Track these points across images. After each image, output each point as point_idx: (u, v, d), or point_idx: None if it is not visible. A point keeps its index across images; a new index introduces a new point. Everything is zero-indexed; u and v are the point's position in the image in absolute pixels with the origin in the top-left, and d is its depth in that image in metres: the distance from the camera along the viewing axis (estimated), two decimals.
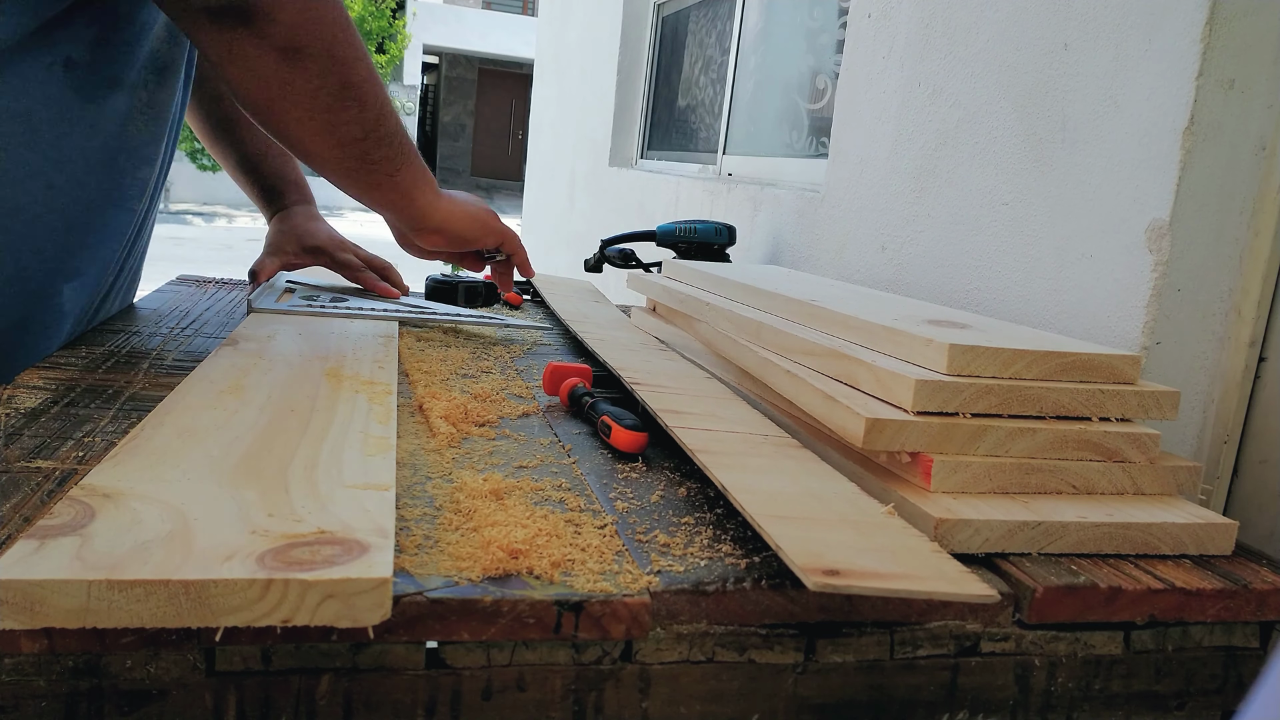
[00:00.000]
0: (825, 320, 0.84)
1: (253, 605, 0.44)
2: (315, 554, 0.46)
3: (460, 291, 1.33)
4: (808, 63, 2.04)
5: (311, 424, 0.67)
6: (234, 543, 0.47)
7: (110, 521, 0.48)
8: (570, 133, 3.67)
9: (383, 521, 0.51)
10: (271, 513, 0.51)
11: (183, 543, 0.46)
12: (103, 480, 0.53)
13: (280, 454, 0.60)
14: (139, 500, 0.51)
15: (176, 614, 0.43)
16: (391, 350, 0.95)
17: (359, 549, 0.47)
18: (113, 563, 0.43)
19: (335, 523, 0.50)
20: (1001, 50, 1.12)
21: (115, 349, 0.92)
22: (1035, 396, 0.68)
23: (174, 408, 0.67)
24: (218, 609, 0.43)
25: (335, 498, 0.54)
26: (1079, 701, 0.61)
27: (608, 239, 1.59)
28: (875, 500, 0.63)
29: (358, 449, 0.62)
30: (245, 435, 0.63)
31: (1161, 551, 0.64)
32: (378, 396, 0.75)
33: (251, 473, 0.56)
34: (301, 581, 0.44)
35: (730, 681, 0.55)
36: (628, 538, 0.59)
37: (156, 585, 0.43)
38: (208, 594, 0.43)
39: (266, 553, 0.46)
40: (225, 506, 0.51)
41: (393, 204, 0.94)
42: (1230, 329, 0.90)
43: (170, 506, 0.50)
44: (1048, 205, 1.03)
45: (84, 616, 0.42)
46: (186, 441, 0.60)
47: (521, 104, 19.73)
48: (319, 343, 0.93)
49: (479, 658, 0.51)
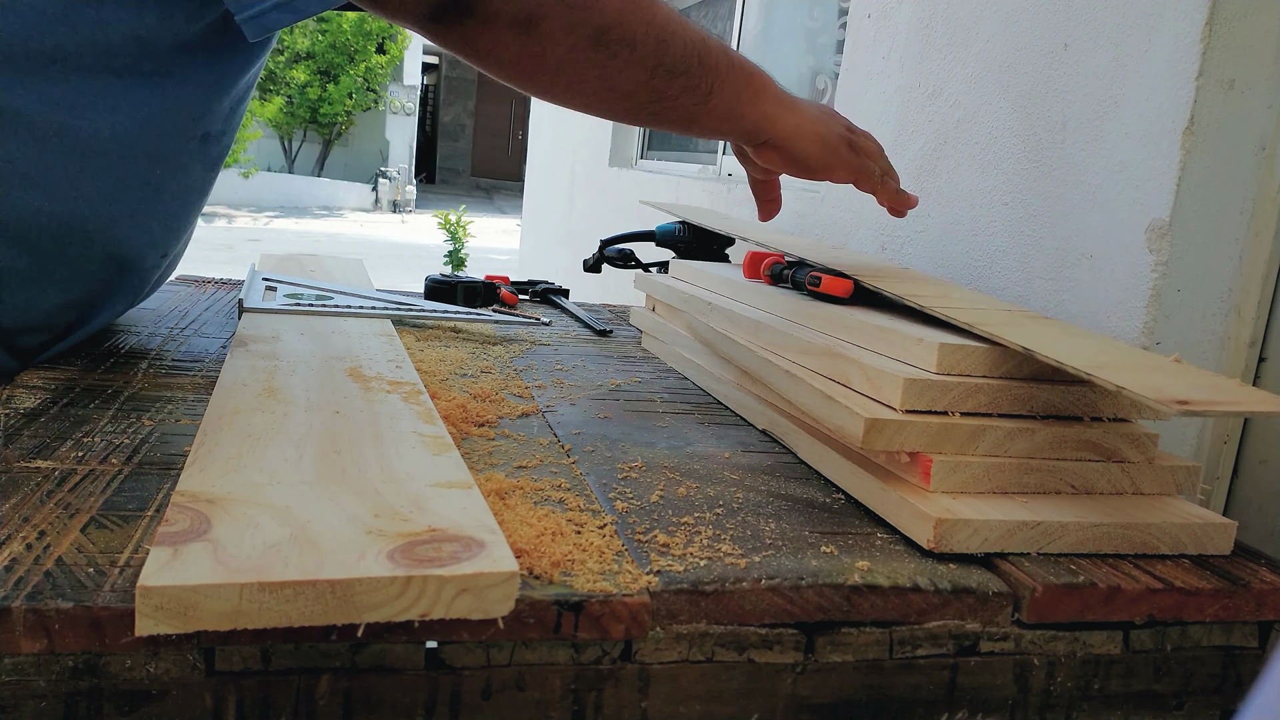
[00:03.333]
0: (822, 319, 0.84)
1: (393, 601, 0.45)
2: (438, 550, 0.47)
3: (459, 291, 1.33)
4: (808, 63, 2.04)
5: (362, 425, 0.67)
6: (358, 542, 0.47)
7: (229, 527, 0.48)
8: (570, 133, 3.67)
9: (484, 518, 0.52)
10: (377, 513, 0.51)
11: (309, 544, 0.47)
12: (199, 486, 0.53)
13: (349, 456, 0.60)
14: (244, 505, 0.51)
15: (323, 612, 0.44)
16: (399, 348, 0.95)
17: (476, 545, 0.48)
18: (254, 565, 0.44)
19: (442, 521, 0.51)
20: (1001, 50, 1.12)
21: (114, 349, 0.92)
22: (1026, 396, 0.68)
23: (223, 410, 0.67)
24: (361, 606, 0.44)
25: (427, 496, 0.54)
26: (1078, 701, 0.61)
27: (607, 239, 1.59)
28: (1153, 352, 0.69)
29: (419, 449, 0.63)
30: (307, 438, 0.63)
31: (1160, 551, 0.64)
32: (410, 396, 0.76)
33: (333, 475, 0.57)
34: (439, 577, 0.45)
35: (729, 681, 0.55)
36: (627, 538, 0.59)
37: (305, 586, 0.44)
38: (353, 592, 0.44)
39: (394, 550, 0.47)
40: (328, 508, 0.52)
41: (718, 130, 0.82)
42: (1230, 329, 0.90)
43: (278, 510, 0.51)
44: (1048, 205, 1.04)
45: (235, 619, 0.43)
46: (253, 445, 0.61)
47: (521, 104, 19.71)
48: (325, 342, 0.93)
49: (478, 657, 0.51)
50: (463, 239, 8.53)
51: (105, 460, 0.63)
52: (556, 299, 1.50)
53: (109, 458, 0.63)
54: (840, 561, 0.59)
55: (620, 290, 2.47)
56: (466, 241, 8.61)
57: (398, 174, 15.98)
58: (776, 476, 0.74)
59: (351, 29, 14.73)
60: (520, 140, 20.02)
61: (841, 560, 0.59)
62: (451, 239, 8.51)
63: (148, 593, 0.42)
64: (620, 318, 1.44)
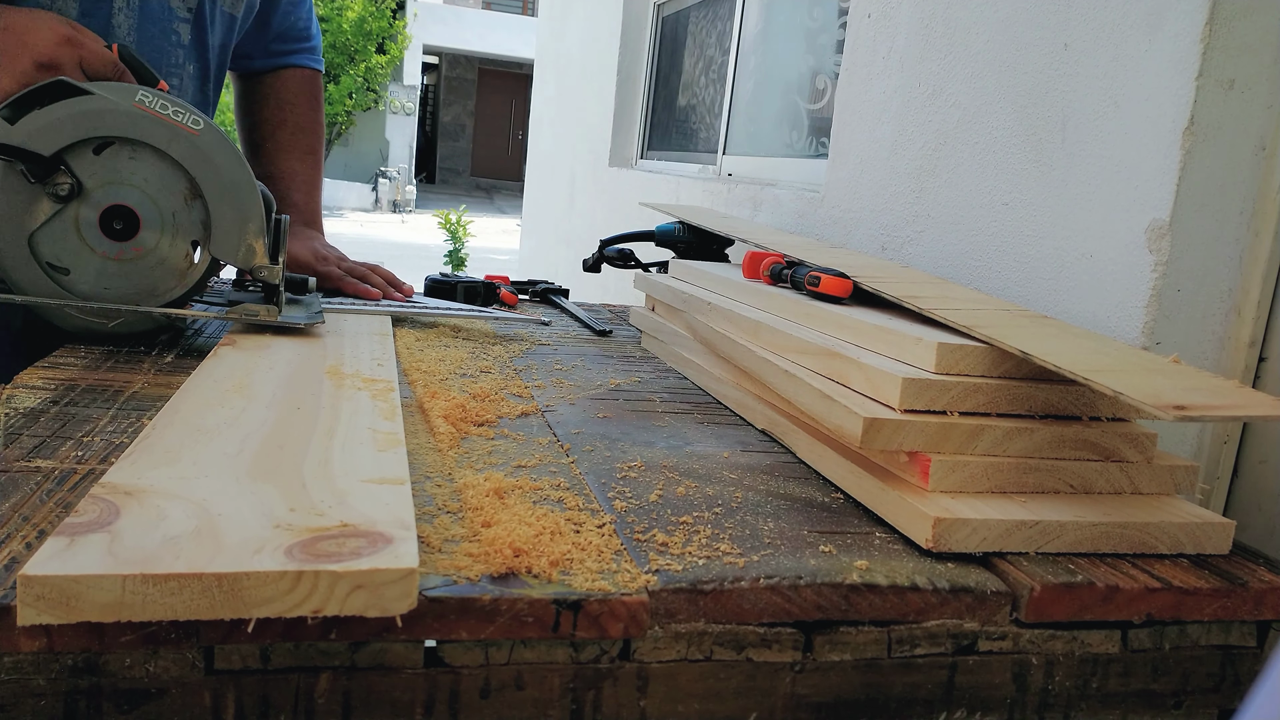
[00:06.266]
0: (821, 319, 0.84)
1: (284, 596, 0.44)
2: (342, 546, 0.47)
3: (459, 291, 1.33)
4: (808, 63, 2.04)
5: (319, 421, 0.67)
6: (260, 536, 0.47)
7: (136, 518, 0.48)
8: (570, 133, 3.67)
9: (403, 514, 0.52)
10: (293, 507, 0.51)
11: (210, 537, 0.47)
12: (122, 478, 0.53)
13: (293, 450, 0.60)
14: (161, 497, 0.51)
15: (210, 606, 0.44)
16: (388, 347, 0.95)
17: (383, 541, 0.48)
18: (144, 557, 0.44)
19: (357, 516, 0.51)
20: (1001, 50, 1.12)
21: (115, 349, 0.92)
22: (1025, 395, 0.68)
23: (182, 406, 0.68)
24: (250, 600, 0.44)
25: (353, 492, 0.54)
26: (1076, 700, 0.61)
27: (606, 239, 1.59)
28: (1154, 353, 0.69)
29: (368, 445, 0.63)
30: (256, 432, 0.63)
31: (1159, 550, 0.64)
32: (380, 394, 0.76)
33: (267, 469, 0.57)
34: (332, 573, 0.44)
35: (728, 680, 0.55)
36: (626, 537, 0.59)
37: (190, 579, 0.43)
38: (240, 586, 0.44)
39: (294, 545, 0.47)
40: (246, 502, 0.52)
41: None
42: (1230, 329, 0.90)
43: (193, 502, 0.51)
44: (1048, 205, 1.04)
45: (119, 610, 0.43)
46: (199, 439, 0.61)
47: (521, 104, 19.72)
48: (316, 341, 0.94)
49: (477, 656, 0.51)
50: (463, 239, 8.54)
51: (105, 460, 0.63)
52: (556, 299, 1.50)
53: (109, 457, 0.63)
54: (839, 561, 0.59)
55: (620, 290, 2.47)
56: (466, 241, 8.61)
57: (398, 174, 15.99)
58: (775, 476, 0.74)
59: (351, 29, 14.74)
60: (520, 140, 20.02)
61: (840, 559, 0.59)
62: (452, 239, 8.51)
63: (29, 582, 0.42)
64: (620, 318, 1.44)
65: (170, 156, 0.88)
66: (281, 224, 0.95)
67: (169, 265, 0.91)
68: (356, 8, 14.70)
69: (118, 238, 0.89)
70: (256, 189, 0.92)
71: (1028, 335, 0.70)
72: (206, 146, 0.89)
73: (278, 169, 1.34)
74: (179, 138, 0.88)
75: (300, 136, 1.36)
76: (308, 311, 1.02)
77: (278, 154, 1.35)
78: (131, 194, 0.89)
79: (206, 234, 0.91)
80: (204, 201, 0.90)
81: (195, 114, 0.89)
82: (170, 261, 0.91)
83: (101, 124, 0.86)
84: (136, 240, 0.90)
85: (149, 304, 0.91)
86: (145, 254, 0.90)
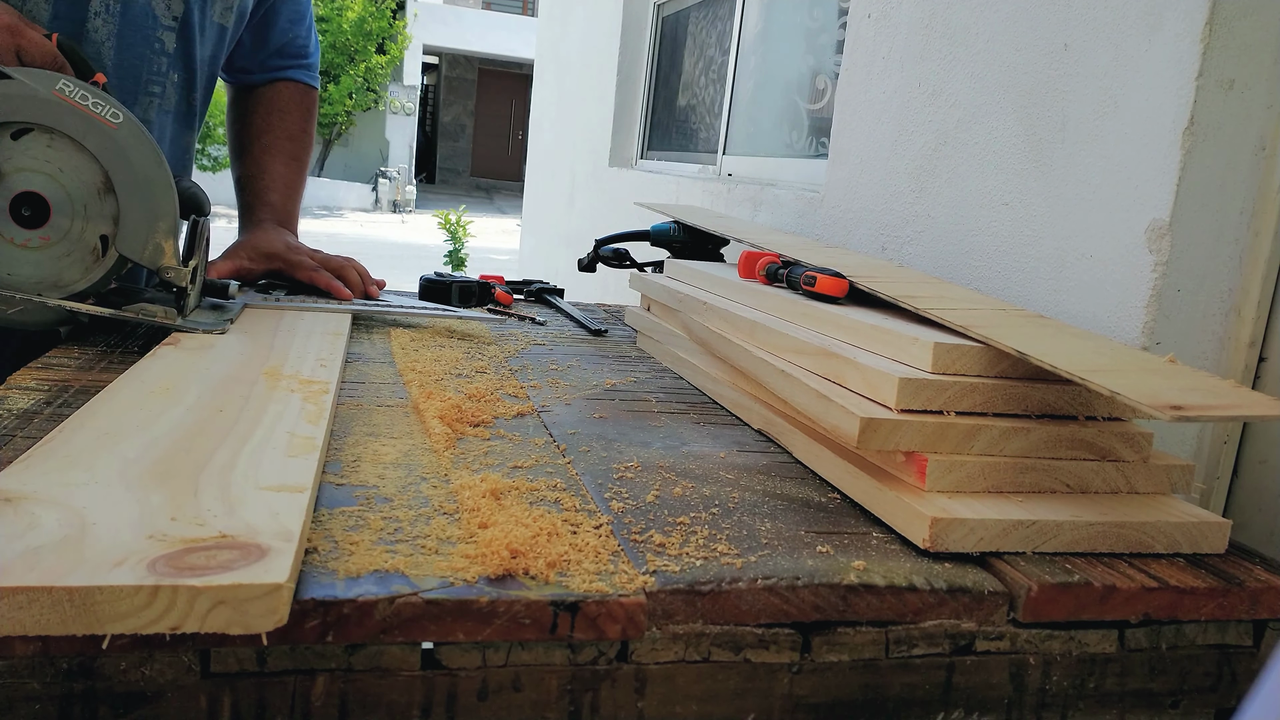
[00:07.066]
0: (817, 319, 0.84)
1: (139, 612, 0.42)
2: (211, 559, 0.45)
3: (454, 291, 1.33)
4: (808, 63, 2.04)
5: (238, 424, 0.66)
6: (128, 548, 0.46)
7: (5, 526, 0.47)
8: (570, 133, 3.67)
9: (289, 524, 0.50)
10: (175, 516, 0.50)
11: (75, 548, 0.45)
12: (8, 484, 0.52)
13: (198, 456, 0.59)
14: (39, 504, 0.50)
15: (61, 621, 0.42)
16: (338, 347, 0.93)
17: (257, 553, 0.46)
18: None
19: (240, 526, 0.49)
20: (1001, 50, 1.12)
21: (108, 349, 0.92)
22: (1021, 395, 0.68)
23: (99, 409, 0.66)
24: (103, 616, 0.42)
25: (246, 500, 0.53)
26: (1074, 700, 0.61)
27: (602, 238, 1.59)
28: (1153, 353, 0.70)
29: (281, 450, 0.61)
30: (165, 437, 0.62)
31: (1155, 550, 0.64)
32: (313, 396, 0.74)
33: (164, 475, 0.55)
34: (190, 588, 0.43)
35: (726, 681, 0.55)
36: (623, 538, 0.59)
37: (39, 592, 0.42)
38: (93, 601, 0.42)
39: (159, 558, 0.45)
40: (128, 510, 0.50)
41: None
42: (1230, 329, 0.90)
43: (72, 510, 0.49)
44: (1048, 205, 1.03)
45: None
46: (104, 443, 0.59)
47: (521, 104, 19.71)
48: (265, 341, 0.93)
49: (475, 658, 0.51)
50: (463, 239, 8.54)
51: None
52: (551, 299, 1.50)
53: None
54: (836, 561, 0.58)
55: (620, 290, 2.47)
56: (466, 241, 8.61)
57: (398, 174, 15.99)
58: (772, 476, 0.74)
59: (351, 29, 14.74)
60: (520, 140, 20.02)
61: (837, 560, 0.59)
62: (451, 239, 8.51)
63: None
64: (615, 317, 1.44)
65: (85, 148, 0.87)
66: (201, 226, 0.94)
67: (75, 257, 0.90)
68: (356, 8, 14.70)
69: (26, 225, 0.88)
70: (172, 189, 0.91)
71: (1024, 335, 0.70)
72: (123, 140, 0.88)
73: (260, 168, 1.34)
74: (95, 129, 0.87)
75: (287, 142, 1.36)
76: (217, 317, 0.99)
77: (263, 155, 1.35)
78: (44, 182, 0.88)
79: (116, 229, 0.90)
80: (115, 196, 0.89)
81: (116, 107, 0.88)
82: (77, 253, 0.90)
83: (15, 109, 0.85)
84: (45, 229, 0.89)
85: (51, 295, 0.90)
86: (52, 243, 0.89)
